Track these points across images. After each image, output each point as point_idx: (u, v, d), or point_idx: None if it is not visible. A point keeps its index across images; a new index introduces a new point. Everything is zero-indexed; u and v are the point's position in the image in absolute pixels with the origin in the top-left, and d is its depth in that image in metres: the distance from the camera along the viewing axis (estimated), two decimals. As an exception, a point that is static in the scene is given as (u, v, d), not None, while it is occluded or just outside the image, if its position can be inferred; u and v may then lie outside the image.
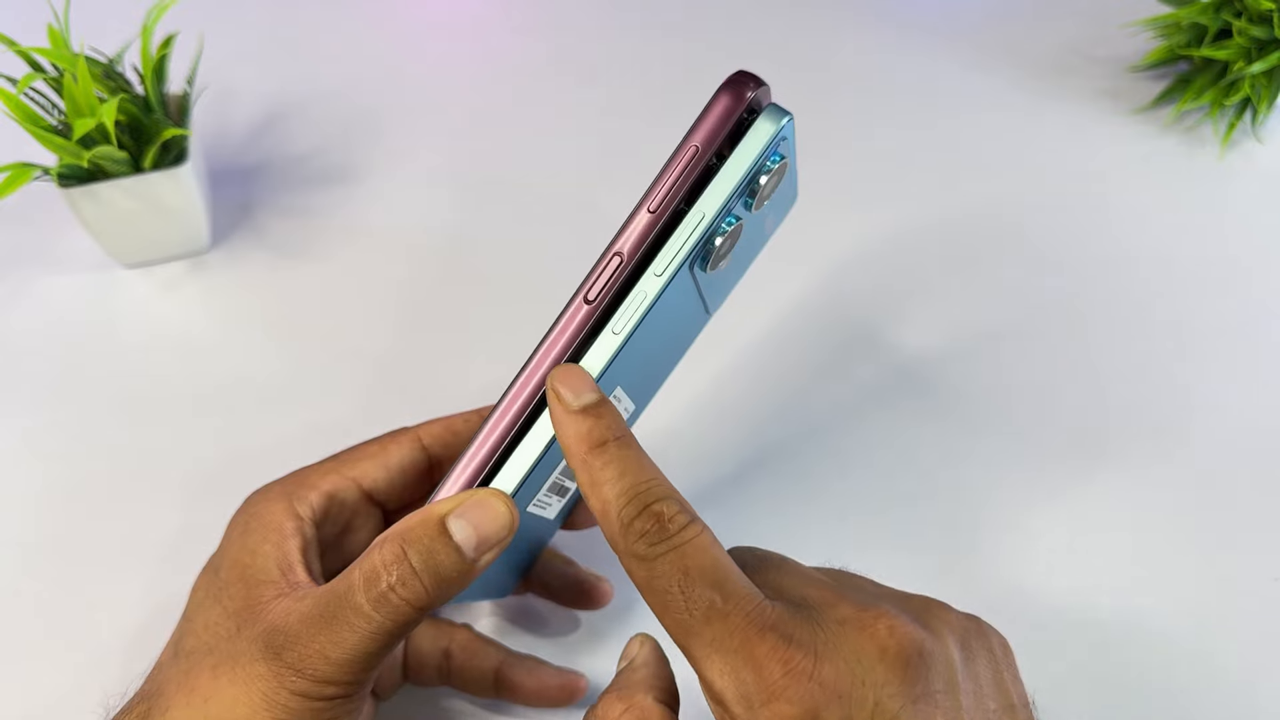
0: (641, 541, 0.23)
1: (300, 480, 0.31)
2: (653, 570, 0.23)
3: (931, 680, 0.22)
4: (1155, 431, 0.43)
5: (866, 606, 0.23)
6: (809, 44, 0.65)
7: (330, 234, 0.52)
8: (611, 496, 0.24)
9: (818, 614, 0.23)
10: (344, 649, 0.25)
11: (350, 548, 0.32)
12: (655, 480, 0.24)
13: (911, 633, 0.23)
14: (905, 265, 0.50)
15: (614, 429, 0.25)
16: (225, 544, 0.29)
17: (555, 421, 0.25)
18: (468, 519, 0.26)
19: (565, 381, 0.25)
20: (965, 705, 0.23)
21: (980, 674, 0.24)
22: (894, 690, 0.22)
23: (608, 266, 0.26)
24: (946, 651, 0.23)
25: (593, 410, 0.25)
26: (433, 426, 0.33)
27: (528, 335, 0.47)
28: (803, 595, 0.24)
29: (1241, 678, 0.35)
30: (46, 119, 0.45)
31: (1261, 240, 0.51)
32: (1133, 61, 0.62)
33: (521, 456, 0.27)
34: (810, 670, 0.22)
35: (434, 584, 0.25)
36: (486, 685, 0.34)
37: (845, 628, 0.23)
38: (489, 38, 0.68)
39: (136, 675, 0.29)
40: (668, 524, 0.23)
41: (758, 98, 0.26)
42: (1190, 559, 0.38)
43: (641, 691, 0.25)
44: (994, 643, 0.26)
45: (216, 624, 0.27)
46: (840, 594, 0.24)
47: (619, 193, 0.55)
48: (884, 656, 0.22)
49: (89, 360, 0.46)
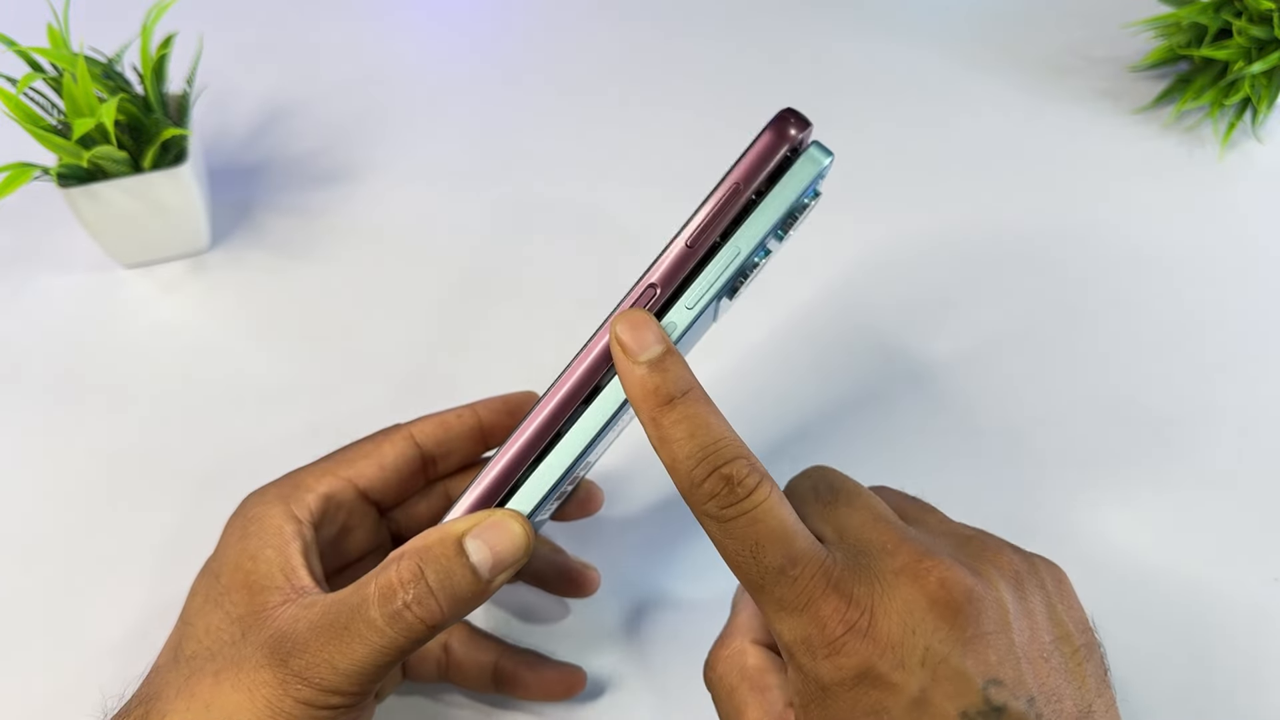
0: (713, 503, 0.24)
1: (296, 483, 0.30)
2: (725, 532, 0.24)
3: (982, 623, 0.24)
4: (1155, 431, 0.43)
5: (922, 556, 0.25)
6: (809, 44, 0.65)
7: (330, 234, 0.52)
8: (682, 455, 0.24)
9: (876, 564, 0.25)
10: (352, 660, 0.25)
11: (347, 548, 0.32)
12: (724, 440, 0.25)
13: (962, 580, 0.24)
14: (904, 265, 0.50)
15: (682, 383, 0.25)
16: (223, 548, 0.29)
17: (621, 373, 0.25)
18: (484, 540, 0.26)
19: (632, 332, 0.25)
20: (1018, 641, 0.24)
21: (1034, 610, 0.25)
22: (944, 635, 0.23)
23: (640, 297, 0.26)
24: (997, 594, 0.25)
25: (660, 364, 0.25)
26: (425, 423, 0.33)
27: (528, 335, 0.47)
28: (866, 539, 0.26)
29: (1242, 678, 0.35)
30: (46, 119, 0.45)
31: (1261, 240, 0.51)
32: (1133, 61, 0.62)
33: (540, 479, 0.27)
34: (866, 627, 0.24)
35: (449, 604, 0.25)
36: (485, 681, 0.34)
37: (900, 578, 0.24)
38: (489, 37, 0.68)
39: (134, 676, 0.29)
40: (737, 488, 0.24)
41: (801, 135, 0.26)
42: (1190, 559, 0.38)
43: (740, 635, 0.28)
44: (1045, 577, 0.27)
45: (219, 629, 0.27)
46: (902, 538, 0.25)
47: (620, 193, 0.55)
48: (934, 606, 0.24)
49: (89, 360, 0.46)
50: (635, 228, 0.52)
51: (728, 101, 0.59)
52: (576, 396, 0.27)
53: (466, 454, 0.34)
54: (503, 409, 0.34)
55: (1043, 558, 0.28)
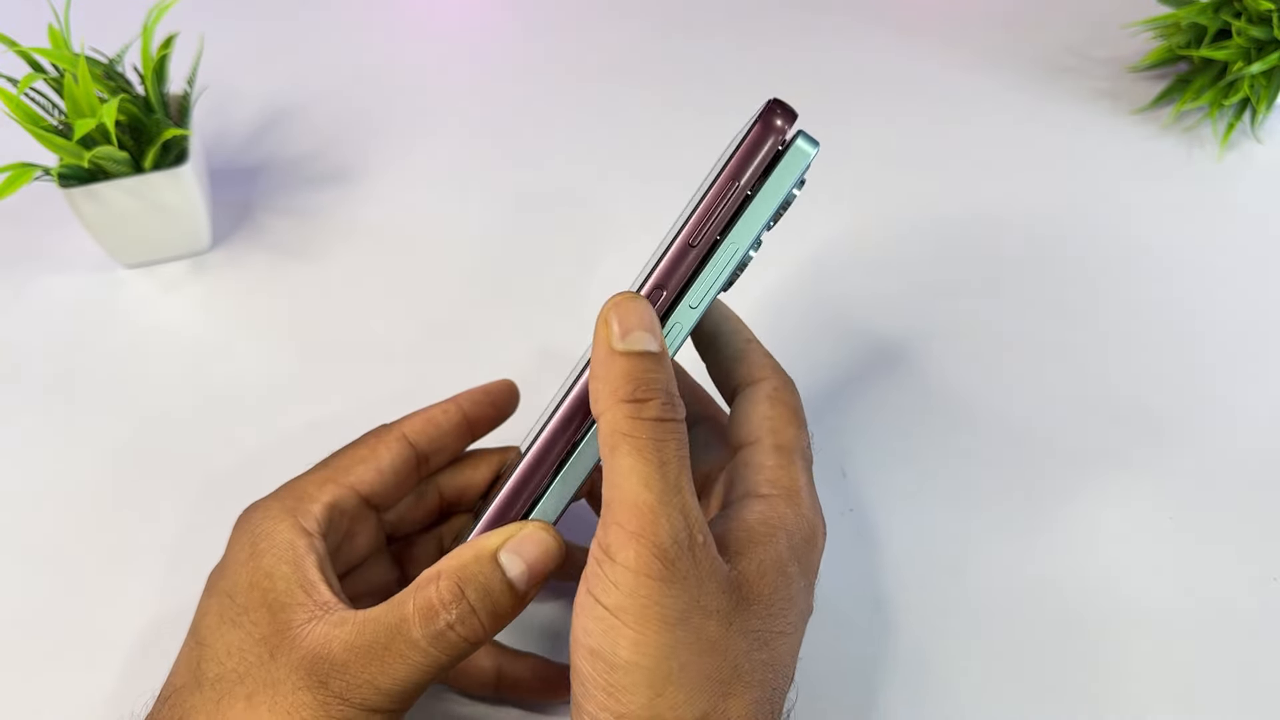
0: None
1: (299, 494, 0.30)
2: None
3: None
4: (1154, 430, 0.43)
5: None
6: (808, 45, 0.65)
7: (330, 234, 0.53)
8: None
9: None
10: (395, 679, 0.25)
11: (350, 553, 0.32)
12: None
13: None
14: (902, 264, 0.51)
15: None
16: (234, 566, 0.28)
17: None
18: (519, 553, 0.26)
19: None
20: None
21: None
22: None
23: (650, 301, 0.26)
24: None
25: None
26: (414, 421, 0.33)
27: (528, 335, 0.47)
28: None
29: (1243, 678, 0.35)
30: (47, 119, 0.45)
31: (1261, 240, 0.51)
32: (1132, 62, 0.62)
33: (562, 489, 0.27)
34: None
35: (490, 620, 0.26)
36: (486, 682, 0.34)
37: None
38: (489, 38, 0.68)
39: (134, 677, 0.29)
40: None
41: (788, 126, 0.26)
42: (1190, 559, 0.38)
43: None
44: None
45: (242, 650, 0.26)
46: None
47: (618, 193, 0.55)
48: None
49: (89, 360, 0.46)
50: (635, 228, 0.52)
51: (728, 103, 0.59)
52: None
53: (455, 449, 0.34)
54: (485, 399, 0.34)
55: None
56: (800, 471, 0.29)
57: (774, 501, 0.28)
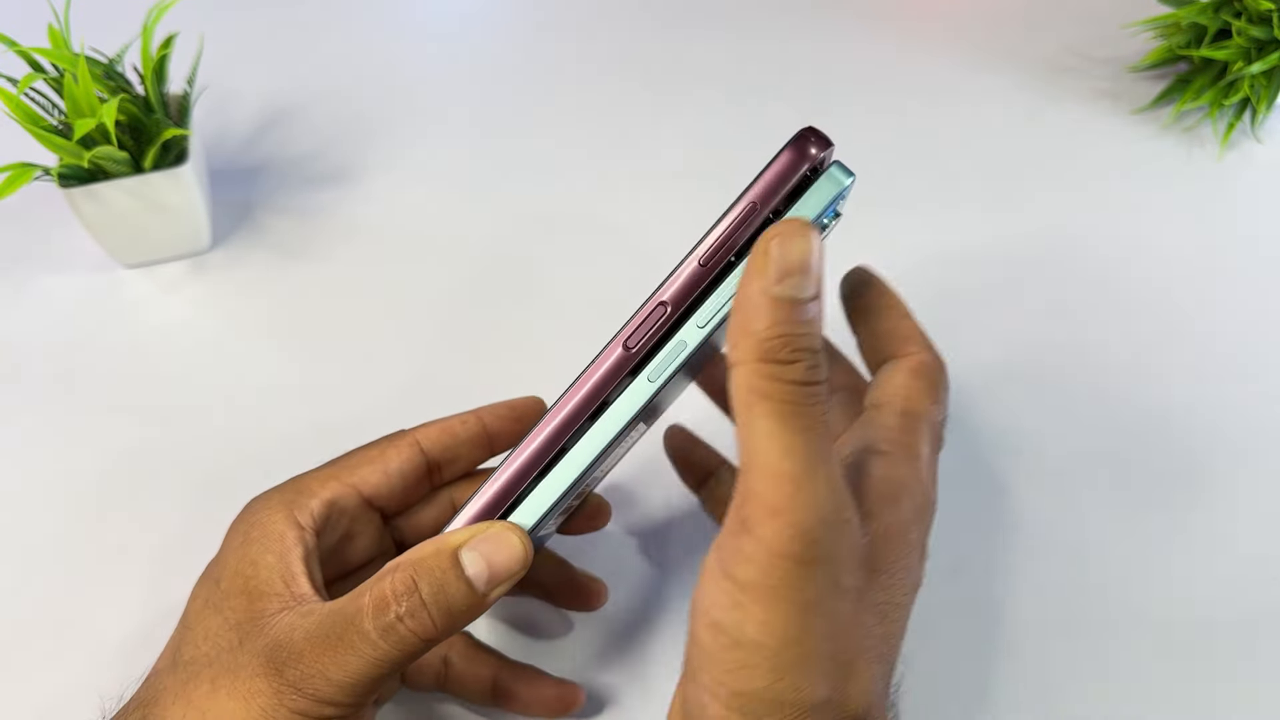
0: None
1: (300, 488, 0.30)
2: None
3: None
4: (1152, 429, 0.43)
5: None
6: (808, 45, 0.65)
7: (330, 234, 0.53)
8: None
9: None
10: (346, 672, 0.25)
11: (350, 555, 0.32)
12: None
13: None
14: (902, 266, 0.50)
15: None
16: (225, 553, 0.29)
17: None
18: (481, 552, 0.26)
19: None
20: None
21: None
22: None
23: (650, 315, 0.26)
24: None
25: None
26: (430, 429, 0.32)
27: (528, 336, 0.47)
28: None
29: (1243, 679, 0.35)
30: (47, 119, 0.45)
31: (1261, 240, 0.51)
32: (1132, 62, 0.62)
33: (544, 494, 0.26)
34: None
35: (442, 618, 0.25)
36: (484, 693, 0.33)
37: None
38: (489, 38, 0.68)
39: (134, 677, 0.29)
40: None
41: (822, 155, 0.25)
42: (1189, 559, 0.38)
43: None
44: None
45: (217, 634, 0.27)
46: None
47: (620, 193, 0.55)
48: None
49: (89, 360, 0.46)
50: (636, 228, 0.52)
51: (728, 103, 0.59)
52: (584, 410, 0.26)
53: (472, 461, 0.33)
54: (509, 415, 0.33)
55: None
56: (924, 440, 0.27)
57: (894, 460, 0.26)
